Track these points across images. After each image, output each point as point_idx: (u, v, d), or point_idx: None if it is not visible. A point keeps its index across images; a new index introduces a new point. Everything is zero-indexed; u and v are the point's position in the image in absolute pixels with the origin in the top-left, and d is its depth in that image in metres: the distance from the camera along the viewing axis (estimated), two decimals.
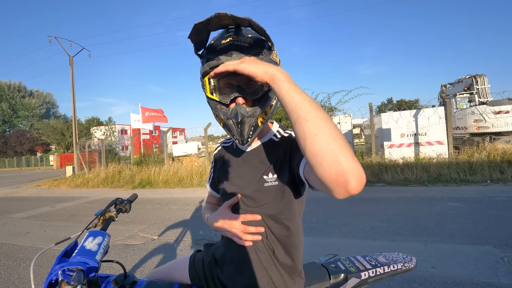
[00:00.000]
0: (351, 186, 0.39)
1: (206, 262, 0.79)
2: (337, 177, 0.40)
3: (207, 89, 0.63)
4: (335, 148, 0.41)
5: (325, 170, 0.41)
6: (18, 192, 8.44)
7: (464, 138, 8.81)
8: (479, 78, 9.67)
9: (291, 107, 0.46)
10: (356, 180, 0.39)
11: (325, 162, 0.41)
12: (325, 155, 0.41)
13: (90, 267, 0.64)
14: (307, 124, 0.43)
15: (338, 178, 0.40)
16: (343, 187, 0.40)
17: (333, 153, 0.40)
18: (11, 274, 2.45)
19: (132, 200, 1.02)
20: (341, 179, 0.40)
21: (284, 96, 0.46)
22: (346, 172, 0.39)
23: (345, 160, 0.40)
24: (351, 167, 0.40)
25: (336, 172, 0.40)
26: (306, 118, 0.44)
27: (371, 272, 0.87)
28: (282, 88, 0.47)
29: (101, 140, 11.26)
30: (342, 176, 0.39)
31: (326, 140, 0.41)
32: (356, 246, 2.62)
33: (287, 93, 0.46)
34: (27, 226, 4.16)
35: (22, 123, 39.39)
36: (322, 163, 0.41)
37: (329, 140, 0.41)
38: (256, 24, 0.54)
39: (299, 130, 0.44)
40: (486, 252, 2.27)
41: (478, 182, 5.15)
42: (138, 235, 3.38)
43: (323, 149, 0.41)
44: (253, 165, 0.70)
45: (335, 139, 0.42)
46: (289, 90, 0.46)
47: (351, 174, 0.39)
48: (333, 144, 0.41)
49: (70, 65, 12.76)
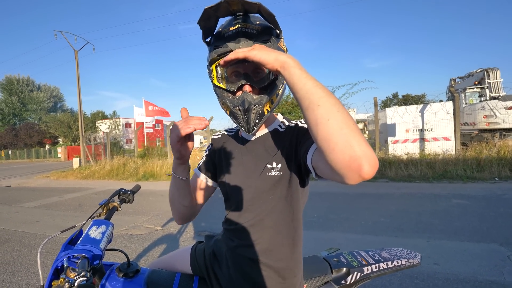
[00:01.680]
0: (365, 170, 0.39)
1: (207, 254, 0.79)
2: (350, 162, 0.40)
3: (214, 77, 0.63)
4: (348, 133, 0.40)
5: (338, 155, 0.41)
6: (29, 183, 8.69)
7: (473, 134, 8.60)
8: (491, 72, 9.34)
9: (302, 93, 0.45)
10: (369, 164, 0.39)
11: (338, 147, 0.40)
12: (338, 140, 0.41)
13: (94, 255, 0.65)
14: (319, 109, 0.43)
15: (351, 163, 0.40)
16: (356, 172, 0.40)
17: (346, 138, 0.40)
18: (23, 260, 2.55)
19: (135, 191, 1.03)
20: (354, 164, 0.40)
21: (296, 82, 0.46)
22: (360, 157, 0.39)
23: (358, 145, 0.40)
24: (364, 151, 0.40)
25: (350, 157, 0.40)
26: (318, 103, 0.43)
27: (374, 267, 0.87)
28: (293, 74, 0.47)
29: (106, 133, 11.41)
30: (356, 161, 0.39)
31: (339, 125, 0.41)
32: (358, 241, 2.62)
33: (298, 80, 0.46)
34: (38, 215, 4.29)
35: (31, 116, 40.16)
36: (335, 148, 0.41)
37: (342, 125, 0.41)
38: (265, 10, 0.53)
39: (311, 116, 0.44)
40: (491, 250, 2.24)
41: (485, 180, 5.05)
42: (142, 225, 3.45)
43: (336, 134, 0.41)
44: (258, 154, 0.69)
45: (347, 124, 0.41)
46: (301, 77, 0.46)
47: (364, 158, 0.39)
48: (346, 129, 0.41)
49: (76, 59, 12.83)
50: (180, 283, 0.77)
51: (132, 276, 0.75)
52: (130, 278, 0.74)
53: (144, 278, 0.76)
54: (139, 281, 0.74)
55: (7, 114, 38.06)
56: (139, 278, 0.75)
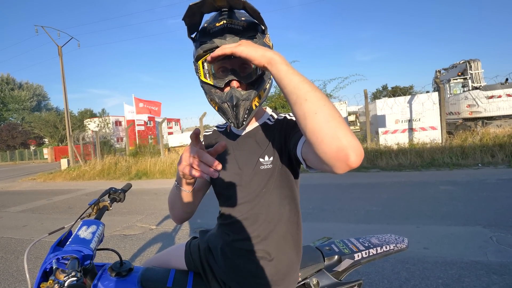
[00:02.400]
0: (351, 160, 0.42)
1: (202, 249, 0.79)
2: (338, 152, 0.42)
3: (201, 73, 0.62)
4: (334, 126, 0.43)
5: (326, 147, 0.43)
6: (13, 186, 8.36)
7: (457, 123, 8.92)
8: (473, 63, 9.65)
9: (290, 89, 0.46)
10: (356, 154, 0.42)
11: (326, 139, 0.43)
12: (325, 132, 0.43)
13: (84, 255, 0.64)
14: (306, 103, 0.44)
15: (338, 154, 0.42)
16: (343, 162, 0.42)
17: (333, 130, 0.42)
18: (9, 267, 2.47)
19: (126, 189, 1.01)
20: (341, 154, 0.42)
21: (283, 78, 0.47)
22: (346, 147, 0.42)
23: (344, 136, 0.42)
24: (350, 142, 0.42)
25: (337, 148, 0.42)
26: (305, 98, 0.45)
27: (364, 253, 0.89)
28: (280, 70, 0.47)
29: (95, 132, 11.08)
30: (343, 151, 0.42)
31: (326, 118, 0.43)
32: (351, 230, 2.69)
33: (285, 75, 0.47)
34: (24, 219, 4.15)
35: (13, 116, 38.36)
36: (323, 140, 0.43)
37: (329, 118, 0.43)
38: (251, 7, 0.53)
39: (299, 110, 0.45)
40: (476, 232, 2.36)
41: (470, 166, 5.28)
42: (136, 225, 3.41)
43: (323, 127, 0.43)
44: (249, 148, 0.69)
45: (334, 116, 0.43)
46: (287, 73, 0.47)
47: (350, 149, 0.42)
48: (332, 121, 0.43)
49: (59, 56, 12.24)
50: (175, 279, 0.77)
51: (125, 275, 0.74)
52: (123, 277, 0.73)
53: (137, 276, 0.75)
54: (132, 280, 0.74)
55: None
56: (133, 276, 0.75)
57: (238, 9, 0.58)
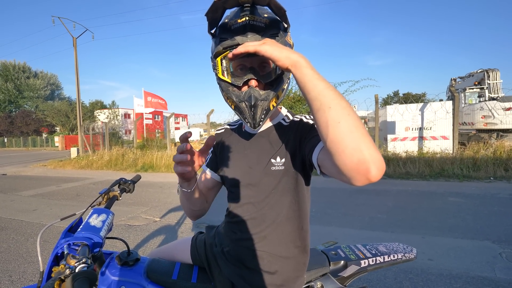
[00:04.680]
0: (372, 174, 0.41)
1: (207, 244, 0.80)
2: (359, 165, 0.41)
3: (219, 70, 0.61)
4: (357, 137, 0.41)
5: (346, 158, 0.41)
6: (25, 171, 8.65)
7: (470, 134, 8.66)
8: (491, 73, 9.33)
9: (314, 94, 0.45)
10: (377, 168, 0.41)
11: (347, 150, 0.41)
12: (348, 143, 0.41)
13: (94, 243, 0.65)
14: (330, 111, 0.43)
15: (359, 166, 0.41)
16: (364, 175, 0.41)
17: (355, 142, 0.41)
18: (19, 248, 2.56)
19: (136, 180, 1.02)
20: (362, 167, 0.41)
21: (307, 83, 0.46)
22: (368, 160, 0.40)
23: (367, 148, 0.41)
24: (373, 155, 0.41)
25: (358, 160, 0.41)
26: (329, 105, 0.43)
27: (370, 260, 0.88)
28: (305, 74, 0.46)
29: (104, 123, 11.31)
30: (364, 164, 0.40)
31: (349, 128, 0.42)
32: (354, 236, 2.66)
33: (310, 80, 0.45)
34: (34, 203, 4.29)
35: (27, 104, 39.57)
36: (345, 150, 0.41)
37: (352, 128, 0.42)
38: (276, 4, 0.51)
39: (322, 118, 0.44)
40: (484, 247, 2.29)
41: (481, 179, 5.11)
42: (140, 216, 3.47)
43: (345, 137, 0.42)
44: (262, 148, 0.69)
45: (358, 127, 0.42)
46: (312, 77, 0.46)
47: (372, 162, 0.40)
48: (356, 132, 0.42)
49: (74, 47, 12.56)
50: (180, 272, 0.77)
51: (132, 265, 0.75)
52: (130, 267, 0.74)
53: (144, 266, 0.76)
54: (139, 270, 0.75)
55: (2, 101, 37.47)
56: (139, 266, 0.76)
57: (262, 5, 0.56)
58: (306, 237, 0.70)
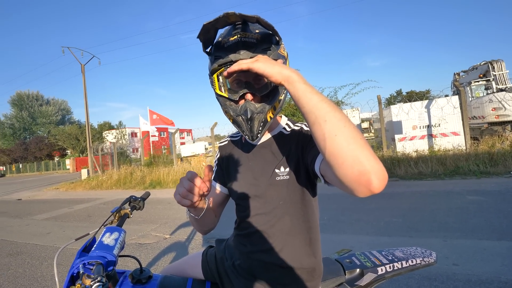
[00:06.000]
0: (374, 185, 0.40)
1: (218, 258, 0.79)
2: (359, 177, 0.40)
3: (216, 86, 0.63)
4: (356, 148, 0.41)
5: (346, 170, 0.41)
6: (39, 195, 8.87)
7: (482, 128, 8.39)
8: (496, 64, 9.14)
9: (308, 108, 0.45)
10: (378, 179, 0.40)
11: (347, 162, 0.41)
12: (346, 155, 0.41)
13: (108, 261, 0.66)
14: (326, 125, 0.43)
15: (360, 178, 0.40)
16: (365, 187, 0.40)
17: (354, 154, 0.40)
18: (34, 272, 2.58)
19: (145, 197, 1.04)
20: (363, 179, 0.40)
21: (300, 97, 0.46)
22: (369, 171, 0.39)
23: (367, 160, 0.40)
24: (373, 166, 0.40)
25: (359, 172, 0.40)
26: (324, 119, 0.43)
27: (388, 267, 0.84)
28: (298, 89, 0.46)
29: (112, 144, 11.61)
30: (365, 175, 0.40)
31: (347, 140, 0.41)
32: (371, 243, 2.55)
33: (303, 95, 0.46)
34: (48, 226, 4.36)
35: (40, 130, 41.34)
36: (344, 163, 0.41)
37: (350, 140, 0.41)
38: (264, 21, 0.54)
39: (318, 131, 0.44)
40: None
41: (500, 174, 4.88)
42: (150, 234, 3.46)
43: (343, 150, 0.41)
44: (265, 159, 0.69)
45: (355, 139, 0.41)
46: (305, 91, 0.46)
47: (373, 173, 0.39)
48: (353, 144, 0.41)
49: (82, 73, 13.23)
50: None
51: (145, 283, 0.74)
52: (143, 284, 0.74)
53: (156, 284, 0.76)
54: (152, 287, 0.74)
55: (18, 129, 39.34)
56: (152, 284, 0.75)
57: (251, 22, 0.58)
58: (317, 246, 0.69)
